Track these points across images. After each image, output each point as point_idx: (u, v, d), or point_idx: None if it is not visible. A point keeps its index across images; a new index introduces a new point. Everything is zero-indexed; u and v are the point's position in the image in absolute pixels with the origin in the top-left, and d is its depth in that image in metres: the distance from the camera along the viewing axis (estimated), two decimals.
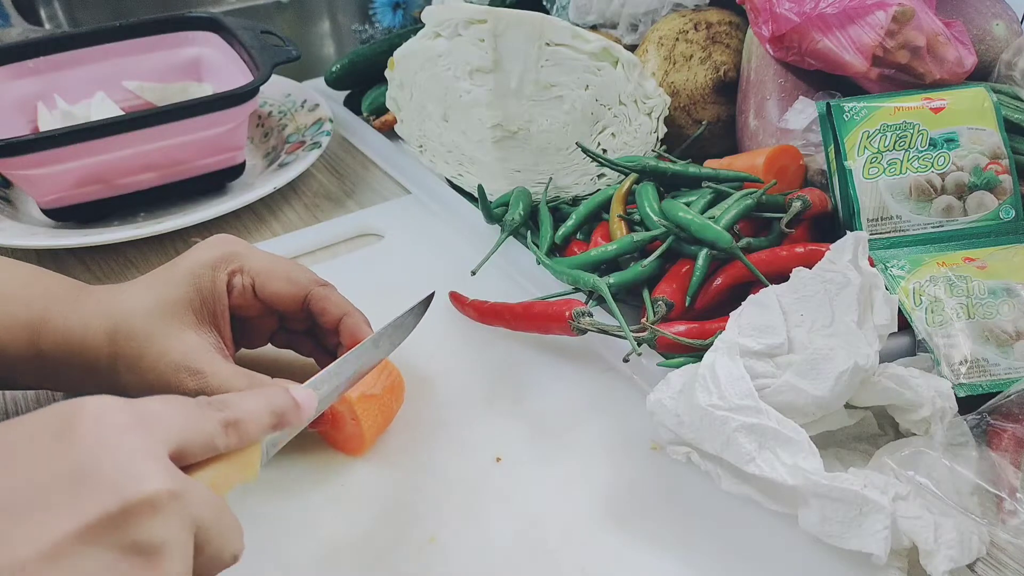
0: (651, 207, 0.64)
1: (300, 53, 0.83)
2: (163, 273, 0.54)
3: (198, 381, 0.49)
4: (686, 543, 0.48)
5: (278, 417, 0.42)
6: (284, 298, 0.55)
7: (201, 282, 0.52)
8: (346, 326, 0.55)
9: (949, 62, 0.68)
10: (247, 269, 0.54)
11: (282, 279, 0.55)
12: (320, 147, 0.85)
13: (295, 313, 0.56)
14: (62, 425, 0.33)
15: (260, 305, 0.55)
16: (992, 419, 0.51)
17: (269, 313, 0.56)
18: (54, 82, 0.86)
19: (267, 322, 0.57)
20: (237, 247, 0.55)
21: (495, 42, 0.74)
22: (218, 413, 0.38)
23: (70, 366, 0.51)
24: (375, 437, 0.54)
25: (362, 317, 0.55)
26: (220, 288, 0.53)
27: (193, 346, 0.51)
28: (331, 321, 0.55)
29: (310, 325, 0.58)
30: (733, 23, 0.82)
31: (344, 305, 0.55)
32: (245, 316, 0.56)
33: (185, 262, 0.53)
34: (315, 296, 0.55)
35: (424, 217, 0.80)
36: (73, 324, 0.51)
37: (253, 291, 0.55)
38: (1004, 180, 0.63)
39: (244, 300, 0.54)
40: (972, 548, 0.46)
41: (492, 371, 0.61)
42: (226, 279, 0.53)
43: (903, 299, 0.58)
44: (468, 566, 0.47)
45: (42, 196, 0.77)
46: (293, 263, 0.57)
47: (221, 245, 0.55)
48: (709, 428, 0.48)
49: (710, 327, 0.56)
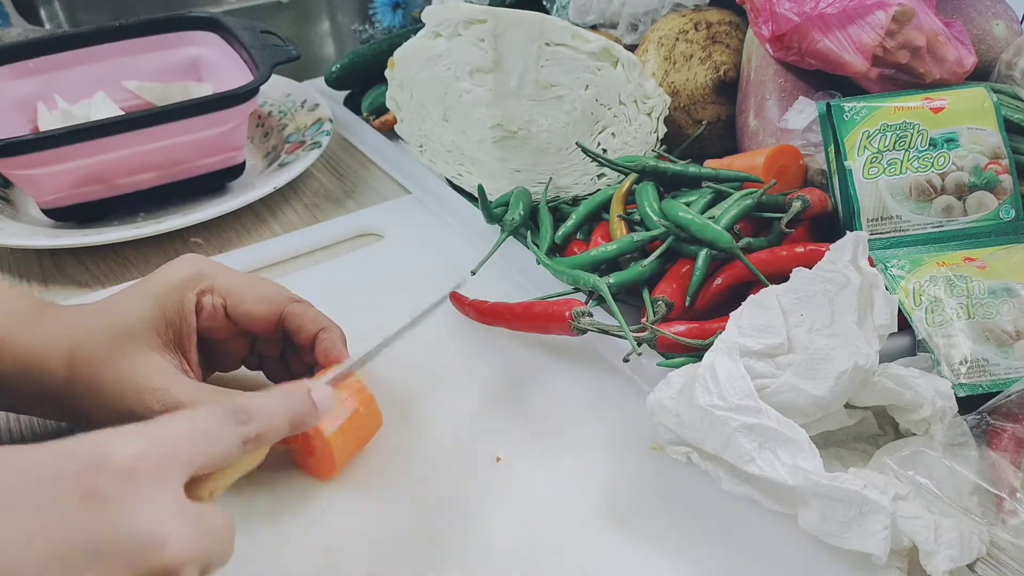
0: (651, 207, 0.64)
1: (300, 53, 0.83)
2: (126, 294, 0.52)
3: (164, 402, 0.48)
4: (686, 543, 0.48)
5: (297, 424, 0.41)
6: (257, 318, 0.53)
7: (166, 303, 0.51)
8: (322, 342, 0.53)
9: (949, 62, 0.68)
10: (217, 289, 0.53)
11: (255, 298, 0.53)
12: (320, 147, 0.85)
13: (269, 333, 0.54)
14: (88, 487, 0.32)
15: (231, 326, 0.54)
16: (992, 419, 0.51)
17: (240, 335, 0.55)
18: (54, 82, 0.86)
19: (238, 344, 0.55)
20: (205, 267, 0.53)
21: (495, 42, 0.74)
22: (242, 429, 0.38)
23: (27, 388, 0.49)
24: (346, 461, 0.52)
25: (339, 333, 0.54)
26: (188, 309, 0.51)
27: (158, 368, 0.49)
28: (307, 338, 0.53)
29: (282, 349, 0.56)
30: (733, 23, 0.82)
31: (321, 320, 0.54)
32: (215, 339, 0.54)
33: (149, 283, 0.52)
34: (290, 313, 0.53)
35: (424, 217, 0.80)
36: (32, 345, 0.49)
37: (224, 312, 0.53)
38: (1004, 180, 0.63)
39: (215, 322, 0.53)
40: (972, 548, 0.46)
41: (492, 371, 0.61)
42: (195, 299, 0.52)
43: (903, 299, 0.58)
44: (468, 566, 0.47)
45: (42, 196, 0.77)
46: (266, 281, 0.55)
47: (188, 265, 0.53)
48: (709, 428, 0.48)
49: (710, 327, 0.56)
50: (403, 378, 0.60)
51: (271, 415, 0.40)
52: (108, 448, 0.33)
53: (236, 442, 0.38)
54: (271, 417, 0.40)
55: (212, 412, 0.38)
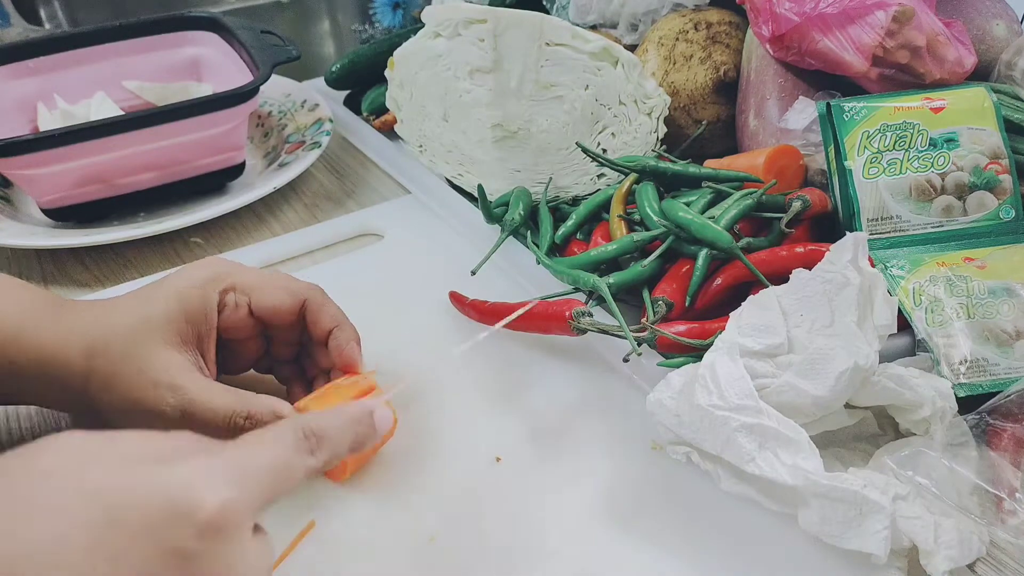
0: (651, 207, 0.64)
1: (300, 53, 0.83)
2: (147, 291, 0.52)
3: (179, 397, 0.48)
4: (686, 543, 0.48)
5: (357, 447, 0.41)
6: (281, 309, 0.54)
7: (188, 302, 0.51)
8: (335, 339, 0.54)
9: (949, 62, 0.68)
10: (240, 286, 0.53)
11: (278, 290, 0.54)
12: (320, 147, 0.85)
13: (289, 326, 0.55)
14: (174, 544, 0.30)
15: (252, 325, 0.54)
16: (992, 419, 0.51)
17: (258, 336, 0.55)
18: (54, 82, 0.86)
19: (253, 346, 0.56)
20: (226, 266, 0.54)
21: (495, 42, 0.74)
22: (309, 460, 0.37)
23: (42, 382, 0.50)
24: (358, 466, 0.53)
25: (352, 332, 0.54)
26: (210, 307, 0.52)
27: (175, 364, 0.49)
28: (321, 332, 0.54)
29: (297, 351, 0.57)
30: (733, 23, 0.82)
31: (337, 316, 0.54)
32: (233, 338, 0.54)
33: (171, 281, 0.52)
34: (313, 302, 0.54)
35: (424, 217, 0.80)
36: (47, 339, 0.49)
37: (248, 308, 0.53)
38: (1004, 180, 0.63)
39: (237, 320, 0.53)
40: (972, 548, 0.46)
41: (492, 371, 0.61)
42: (218, 299, 0.52)
43: (903, 299, 0.58)
44: (468, 566, 0.47)
45: (42, 196, 0.77)
46: (285, 275, 0.56)
47: (210, 265, 0.53)
48: (709, 428, 0.48)
49: (710, 327, 0.56)
50: (403, 378, 0.60)
51: (338, 441, 0.39)
52: (196, 494, 0.31)
53: (303, 472, 0.37)
54: (337, 444, 0.39)
55: (286, 439, 0.37)
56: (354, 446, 0.41)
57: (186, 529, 0.30)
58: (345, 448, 0.40)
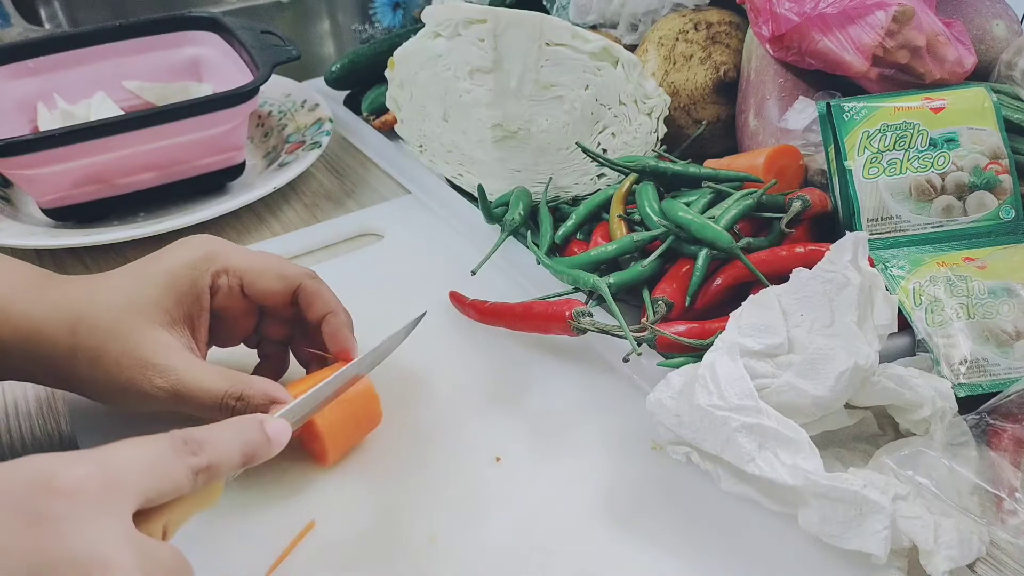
0: (651, 207, 0.64)
1: (300, 53, 0.83)
2: (137, 269, 0.52)
3: (168, 378, 0.48)
4: (686, 543, 0.48)
5: (250, 455, 0.41)
6: (274, 294, 0.54)
7: (179, 281, 0.51)
8: (328, 325, 0.53)
9: (949, 62, 0.68)
10: (232, 269, 0.53)
11: (271, 275, 0.54)
12: (320, 147, 0.85)
13: (282, 309, 0.55)
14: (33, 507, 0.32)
15: (245, 305, 0.54)
16: (992, 419, 0.51)
17: (250, 313, 0.55)
18: (54, 82, 0.86)
19: (245, 322, 0.56)
20: (219, 246, 0.54)
21: (495, 42, 0.74)
22: (191, 459, 0.38)
23: (29, 357, 0.49)
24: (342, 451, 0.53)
25: (346, 318, 0.54)
26: (201, 289, 0.51)
27: (164, 344, 0.49)
28: (315, 317, 0.54)
29: (290, 332, 0.57)
30: (733, 23, 0.82)
31: (332, 302, 0.54)
32: (226, 316, 0.54)
33: (162, 260, 0.52)
34: (306, 289, 0.54)
35: (424, 217, 0.80)
36: (34, 313, 0.49)
37: (241, 290, 0.53)
38: (1004, 180, 0.63)
39: (230, 301, 0.53)
40: (972, 548, 0.46)
41: (492, 371, 0.61)
42: (210, 280, 0.52)
43: (903, 299, 0.58)
44: (468, 566, 0.47)
45: (42, 196, 0.77)
46: (278, 258, 0.56)
47: (202, 245, 0.53)
48: (709, 428, 0.48)
49: (710, 327, 0.56)
50: (403, 378, 0.60)
51: (223, 446, 0.39)
52: (55, 468, 0.33)
53: (186, 473, 0.37)
54: (223, 448, 0.39)
55: (161, 443, 0.37)
56: (247, 453, 0.41)
57: (44, 493, 0.33)
58: (234, 453, 0.40)
